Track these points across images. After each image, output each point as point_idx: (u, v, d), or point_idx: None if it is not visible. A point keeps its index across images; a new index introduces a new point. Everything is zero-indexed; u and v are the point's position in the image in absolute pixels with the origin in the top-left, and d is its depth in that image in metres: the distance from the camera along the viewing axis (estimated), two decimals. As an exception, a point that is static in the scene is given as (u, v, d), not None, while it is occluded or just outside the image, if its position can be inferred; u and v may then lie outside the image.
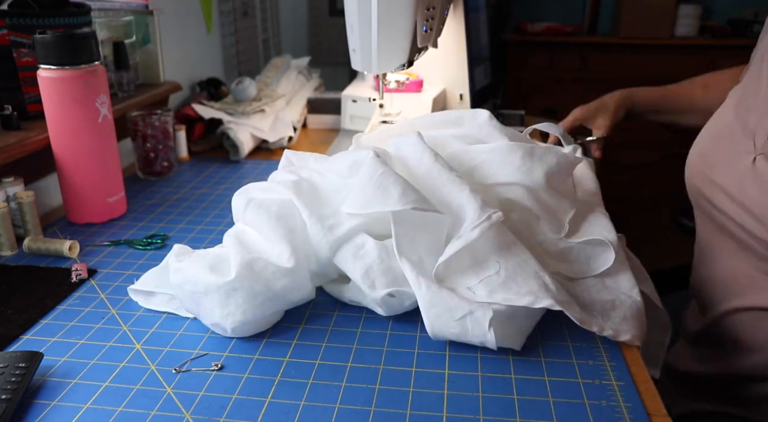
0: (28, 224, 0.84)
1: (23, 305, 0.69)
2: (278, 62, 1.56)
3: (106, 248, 0.83)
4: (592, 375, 0.57)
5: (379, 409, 0.53)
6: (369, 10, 0.94)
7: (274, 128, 1.28)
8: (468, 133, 0.80)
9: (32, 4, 0.92)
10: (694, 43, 2.75)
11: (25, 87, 0.93)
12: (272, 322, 0.65)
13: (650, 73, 2.83)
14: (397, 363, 0.59)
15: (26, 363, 0.55)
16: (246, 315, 0.62)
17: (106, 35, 1.16)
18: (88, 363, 0.59)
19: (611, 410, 0.53)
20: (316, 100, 1.45)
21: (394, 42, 0.98)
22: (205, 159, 1.22)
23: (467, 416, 0.52)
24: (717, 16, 2.94)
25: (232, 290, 0.62)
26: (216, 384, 0.56)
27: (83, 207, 0.90)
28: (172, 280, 0.64)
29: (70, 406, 0.53)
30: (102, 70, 0.87)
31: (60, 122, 0.85)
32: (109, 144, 0.90)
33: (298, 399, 0.54)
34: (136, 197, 1.01)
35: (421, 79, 1.35)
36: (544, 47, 2.88)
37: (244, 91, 1.32)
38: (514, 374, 0.58)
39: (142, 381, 0.56)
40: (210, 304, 0.62)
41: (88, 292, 0.72)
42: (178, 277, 0.64)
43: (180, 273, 0.64)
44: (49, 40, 0.81)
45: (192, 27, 1.52)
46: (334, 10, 2.46)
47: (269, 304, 0.63)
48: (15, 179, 0.85)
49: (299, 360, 0.60)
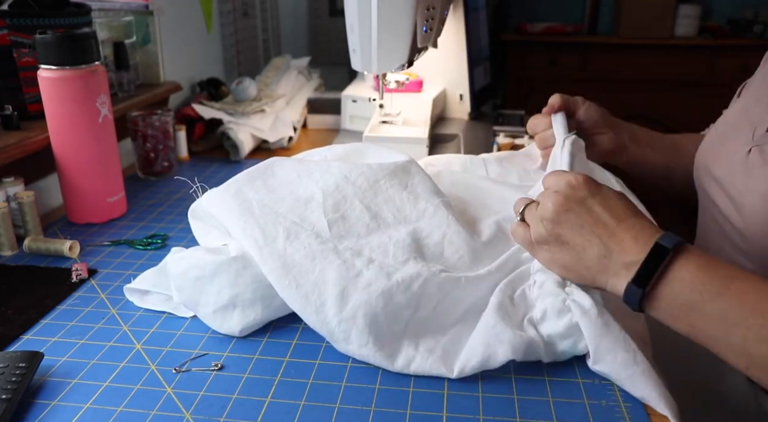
0: (29, 224, 0.84)
1: (23, 305, 0.69)
2: (278, 62, 1.56)
3: (106, 248, 0.84)
4: (592, 375, 0.57)
5: (379, 409, 0.53)
6: (369, 10, 0.95)
7: (274, 128, 1.28)
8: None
9: (32, 5, 0.92)
10: (693, 43, 2.75)
11: (25, 87, 0.93)
12: (281, 313, 0.65)
13: (650, 73, 2.83)
14: (397, 363, 0.59)
15: (26, 363, 0.55)
16: (255, 294, 0.62)
17: (107, 35, 1.16)
18: (88, 363, 0.59)
19: (611, 410, 0.53)
20: (316, 100, 1.45)
21: (394, 42, 0.98)
22: (205, 159, 1.22)
23: (467, 416, 0.52)
24: (717, 16, 2.94)
25: (242, 269, 0.62)
26: (216, 384, 0.56)
27: (83, 207, 0.90)
28: (175, 270, 0.64)
29: (70, 406, 0.53)
30: (102, 70, 0.87)
31: (60, 122, 0.85)
32: (110, 144, 0.90)
33: (298, 399, 0.54)
34: (136, 197, 1.01)
35: (421, 80, 1.35)
36: (544, 47, 2.88)
37: (244, 92, 1.32)
38: (514, 374, 0.58)
39: (142, 381, 0.56)
40: (217, 287, 0.62)
41: (88, 292, 0.72)
42: (182, 264, 0.64)
43: (184, 261, 0.64)
44: (50, 40, 0.81)
45: (192, 27, 1.52)
46: (334, 10, 2.46)
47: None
48: (15, 179, 0.85)
49: (299, 360, 0.60)
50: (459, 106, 1.40)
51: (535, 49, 2.89)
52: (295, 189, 0.70)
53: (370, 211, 0.68)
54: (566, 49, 2.86)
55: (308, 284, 0.60)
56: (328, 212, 0.67)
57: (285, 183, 0.71)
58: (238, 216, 0.66)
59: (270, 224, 0.65)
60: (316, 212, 0.67)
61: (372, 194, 0.70)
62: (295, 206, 0.68)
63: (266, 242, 0.63)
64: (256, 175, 0.72)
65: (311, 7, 2.47)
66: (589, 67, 2.86)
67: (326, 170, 0.72)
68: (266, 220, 0.66)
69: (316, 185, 0.70)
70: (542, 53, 2.89)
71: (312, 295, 0.60)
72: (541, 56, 2.89)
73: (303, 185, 0.71)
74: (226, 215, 0.67)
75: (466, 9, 1.32)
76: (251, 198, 0.69)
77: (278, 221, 0.66)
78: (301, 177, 0.72)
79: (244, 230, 0.64)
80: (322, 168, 0.72)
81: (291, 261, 0.62)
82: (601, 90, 2.91)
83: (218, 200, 0.69)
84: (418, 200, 0.71)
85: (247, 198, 0.69)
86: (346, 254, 0.63)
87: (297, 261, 0.62)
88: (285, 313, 0.65)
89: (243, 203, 0.68)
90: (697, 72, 2.80)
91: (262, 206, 0.67)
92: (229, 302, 0.62)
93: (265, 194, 0.69)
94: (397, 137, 1.14)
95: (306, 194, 0.70)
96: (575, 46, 2.86)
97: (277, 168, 0.73)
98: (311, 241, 0.64)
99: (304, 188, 0.70)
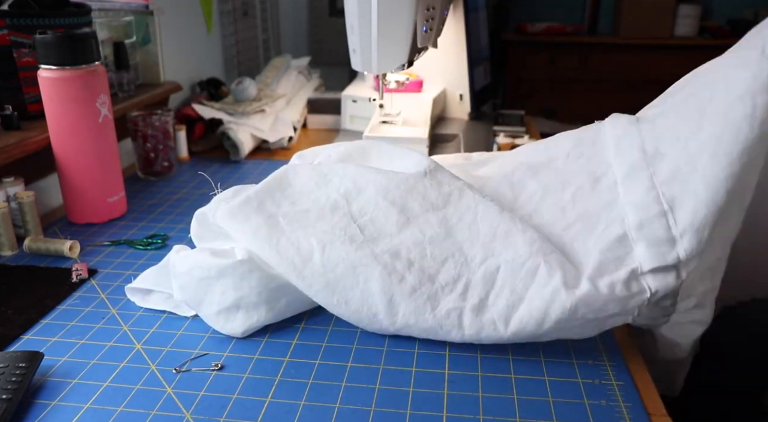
0: (29, 224, 0.84)
1: (23, 305, 0.69)
2: (278, 62, 1.56)
3: (106, 248, 0.84)
4: (592, 375, 0.57)
5: (379, 409, 0.53)
6: (369, 11, 0.95)
7: (274, 128, 1.28)
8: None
9: (32, 5, 0.92)
10: (693, 43, 2.75)
11: (25, 87, 0.93)
12: (284, 315, 0.65)
13: (650, 74, 2.84)
14: (397, 363, 0.59)
15: (26, 363, 0.55)
16: (260, 298, 0.62)
17: (107, 35, 1.16)
18: (88, 363, 0.59)
19: (611, 410, 0.53)
20: (316, 100, 1.45)
21: (394, 42, 0.98)
22: (206, 159, 1.22)
23: (467, 416, 0.52)
24: (717, 16, 2.94)
25: (247, 272, 0.62)
26: (216, 384, 0.56)
27: (83, 207, 0.90)
28: (179, 268, 0.64)
29: (71, 406, 0.53)
30: (102, 70, 0.87)
31: (60, 122, 0.85)
32: (110, 144, 0.90)
33: (298, 399, 0.54)
34: (136, 197, 1.01)
35: (421, 80, 1.35)
36: (544, 47, 2.88)
37: (244, 92, 1.32)
38: (514, 374, 0.58)
39: (143, 381, 0.56)
40: (222, 288, 0.62)
41: (89, 292, 0.72)
42: (187, 263, 0.63)
43: (189, 260, 0.64)
44: (50, 40, 0.81)
45: (192, 27, 1.52)
46: (334, 10, 2.46)
47: (284, 291, 0.64)
48: (15, 179, 0.85)
49: (299, 360, 0.60)
50: (459, 106, 1.40)
51: (535, 49, 2.89)
52: (317, 199, 0.68)
53: (396, 205, 0.67)
54: (566, 49, 2.86)
55: (356, 299, 0.61)
56: (356, 217, 0.66)
57: (305, 193, 0.69)
58: (267, 236, 0.64)
59: (302, 240, 0.64)
60: (344, 219, 0.66)
61: (394, 188, 0.68)
62: (321, 216, 0.66)
63: (304, 262, 0.62)
64: (274, 186, 0.69)
65: (311, 7, 2.47)
66: (589, 67, 2.86)
67: (343, 175, 0.70)
68: (297, 236, 0.64)
69: (337, 192, 0.68)
70: (542, 53, 2.89)
71: (362, 309, 0.61)
72: (541, 56, 2.89)
73: (324, 194, 0.69)
74: (252, 233, 0.64)
75: (466, 9, 1.32)
76: (275, 212, 0.66)
77: (309, 234, 0.64)
78: (320, 185, 0.70)
79: (279, 251, 0.63)
80: (338, 173, 0.71)
81: (333, 278, 0.61)
82: (601, 90, 2.91)
83: (241, 216, 0.66)
84: (441, 185, 0.70)
85: (272, 213, 0.66)
86: (385, 258, 0.63)
87: (339, 276, 0.61)
88: (288, 316, 0.66)
89: (269, 219, 0.65)
90: (696, 72, 2.79)
91: (289, 221, 0.66)
92: (233, 304, 0.62)
93: (288, 206, 0.67)
94: (397, 137, 1.14)
95: (330, 202, 0.68)
96: (575, 46, 2.86)
97: (291, 177, 0.71)
98: (348, 250, 0.63)
99: (326, 197, 0.68)
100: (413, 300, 0.60)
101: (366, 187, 0.69)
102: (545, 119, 2.67)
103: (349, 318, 0.62)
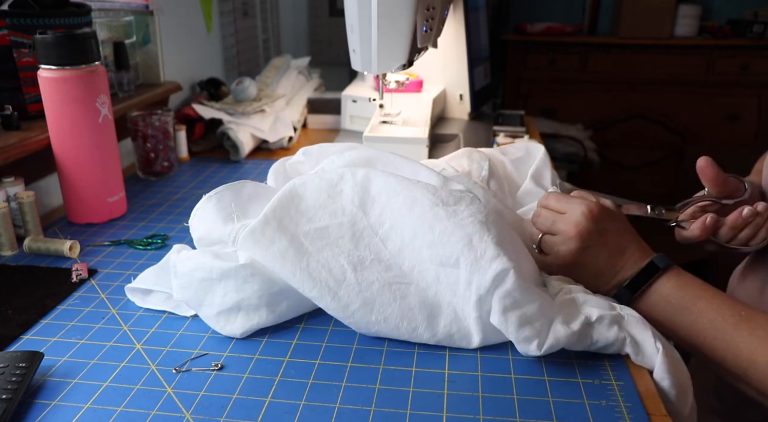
0: (29, 224, 0.84)
1: (23, 305, 0.69)
2: (278, 62, 1.56)
3: (106, 248, 0.84)
4: (592, 375, 0.57)
5: (379, 409, 0.53)
6: (369, 10, 0.95)
7: (274, 128, 1.28)
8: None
9: (32, 4, 0.92)
10: (693, 43, 2.75)
11: (25, 87, 0.93)
12: (284, 318, 0.65)
13: (650, 74, 2.84)
14: (397, 363, 0.59)
15: (26, 363, 0.55)
16: (261, 301, 0.62)
17: (107, 35, 1.16)
18: (88, 363, 0.59)
19: (611, 410, 0.53)
20: (316, 100, 1.45)
21: (394, 42, 0.98)
22: (205, 159, 1.22)
23: (467, 416, 0.52)
24: (717, 17, 2.94)
25: (249, 276, 0.62)
26: (216, 384, 0.56)
27: (83, 207, 0.90)
28: (181, 268, 0.64)
29: (71, 406, 0.53)
30: (102, 70, 0.87)
31: (60, 122, 0.85)
32: (110, 144, 0.90)
33: (298, 399, 0.54)
34: (136, 197, 1.01)
35: (421, 80, 1.35)
36: (544, 47, 2.88)
37: (244, 92, 1.32)
38: (514, 374, 0.58)
39: (143, 381, 0.56)
40: (223, 290, 0.62)
41: (89, 292, 0.72)
42: (189, 264, 0.64)
43: (191, 261, 0.64)
44: (50, 40, 0.81)
45: (192, 27, 1.52)
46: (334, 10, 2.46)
47: (285, 294, 0.64)
48: (15, 179, 0.85)
49: (299, 360, 0.60)
50: (459, 106, 1.40)
51: (535, 49, 2.89)
52: (334, 212, 0.67)
53: (408, 205, 0.66)
54: (566, 49, 2.86)
55: (394, 316, 0.61)
56: (377, 230, 0.65)
57: (318, 207, 0.67)
58: (295, 261, 0.62)
59: (331, 260, 0.63)
60: (366, 232, 0.65)
61: (403, 188, 0.67)
62: (341, 231, 0.65)
63: (338, 283, 0.62)
64: (287, 202, 0.67)
65: (311, 7, 2.48)
66: (589, 67, 2.86)
67: (354, 183, 0.68)
68: (324, 256, 0.63)
69: (352, 204, 0.67)
70: (542, 53, 2.88)
71: (402, 325, 0.61)
72: (541, 56, 2.89)
73: (339, 207, 0.67)
74: (281, 257, 0.63)
75: (466, 9, 1.32)
76: (296, 232, 0.65)
77: (336, 254, 0.63)
78: (333, 197, 0.68)
79: (311, 274, 0.62)
80: (348, 181, 0.69)
81: (370, 296, 0.61)
82: (600, 90, 2.91)
83: (265, 241, 0.63)
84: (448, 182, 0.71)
85: (294, 233, 0.65)
86: (414, 275, 0.63)
87: (375, 294, 0.62)
88: (288, 318, 0.66)
89: (293, 240, 0.64)
90: (696, 72, 2.80)
91: (311, 240, 0.64)
92: (234, 306, 0.63)
93: (306, 224, 0.66)
94: (397, 137, 1.14)
95: (347, 216, 0.66)
96: (575, 46, 2.86)
97: (301, 190, 0.69)
98: (378, 268, 0.63)
99: (342, 211, 0.67)
100: (452, 312, 0.61)
101: (378, 195, 0.67)
102: (545, 119, 2.67)
103: (389, 334, 0.62)
